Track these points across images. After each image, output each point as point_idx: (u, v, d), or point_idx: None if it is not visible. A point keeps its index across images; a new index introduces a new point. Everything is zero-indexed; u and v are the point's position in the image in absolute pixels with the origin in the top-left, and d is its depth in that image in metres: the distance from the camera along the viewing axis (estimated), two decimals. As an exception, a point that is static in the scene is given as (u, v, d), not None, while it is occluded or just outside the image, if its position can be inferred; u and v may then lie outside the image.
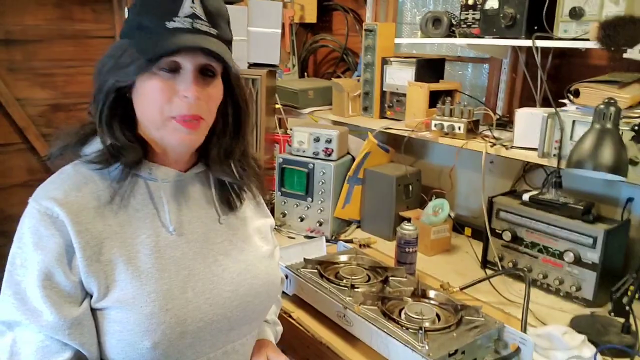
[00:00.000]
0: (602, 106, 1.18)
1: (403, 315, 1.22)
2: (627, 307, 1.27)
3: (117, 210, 0.89)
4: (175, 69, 0.86)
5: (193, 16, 0.85)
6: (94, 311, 0.87)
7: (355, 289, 1.33)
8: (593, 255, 1.42)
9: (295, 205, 1.91)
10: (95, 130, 0.91)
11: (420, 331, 1.12)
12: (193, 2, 0.85)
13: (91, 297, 0.86)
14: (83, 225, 0.84)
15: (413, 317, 1.20)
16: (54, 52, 2.98)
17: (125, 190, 0.89)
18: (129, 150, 0.90)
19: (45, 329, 0.82)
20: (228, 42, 0.92)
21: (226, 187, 1.02)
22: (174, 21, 0.84)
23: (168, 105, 0.86)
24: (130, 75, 0.86)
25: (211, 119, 0.93)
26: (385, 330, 1.15)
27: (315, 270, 1.42)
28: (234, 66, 0.91)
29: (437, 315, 1.24)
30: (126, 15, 0.91)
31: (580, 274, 1.45)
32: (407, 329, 1.16)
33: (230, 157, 1.00)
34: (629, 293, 1.26)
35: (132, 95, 0.89)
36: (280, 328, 1.20)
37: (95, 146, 0.91)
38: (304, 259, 1.45)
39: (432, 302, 1.30)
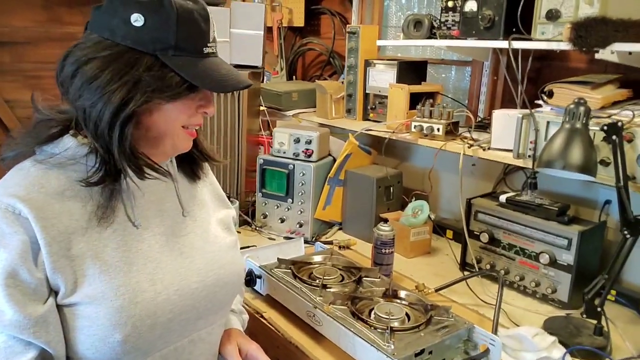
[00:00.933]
0: (572, 106, 1.18)
1: (372, 315, 1.21)
2: (599, 309, 1.26)
3: (81, 203, 0.87)
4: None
5: (214, 40, 0.91)
6: (60, 308, 0.86)
7: (327, 289, 1.33)
8: (568, 257, 1.41)
9: (276, 207, 1.91)
10: (63, 131, 0.89)
11: (388, 331, 1.11)
12: (214, 25, 0.91)
13: (57, 294, 0.85)
14: (48, 220, 0.83)
15: (382, 317, 1.19)
16: (42, 54, 2.99)
17: (111, 204, 0.89)
18: (139, 170, 0.89)
19: (8, 329, 0.81)
20: None
21: (185, 159, 1.05)
22: (208, 47, 0.89)
23: (187, 118, 0.92)
24: (172, 96, 0.86)
25: None
26: (352, 329, 1.14)
27: (289, 270, 1.41)
28: None
29: (407, 315, 1.23)
30: (135, 20, 0.83)
31: (556, 275, 1.45)
32: (375, 328, 1.15)
33: None
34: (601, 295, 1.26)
35: (141, 110, 0.86)
36: (246, 316, 1.23)
37: (62, 145, 0.88)
38: (278, 258, 1.45)
39: (402, 302, 1.29)
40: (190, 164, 1.07)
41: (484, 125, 1.80)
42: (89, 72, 0.83)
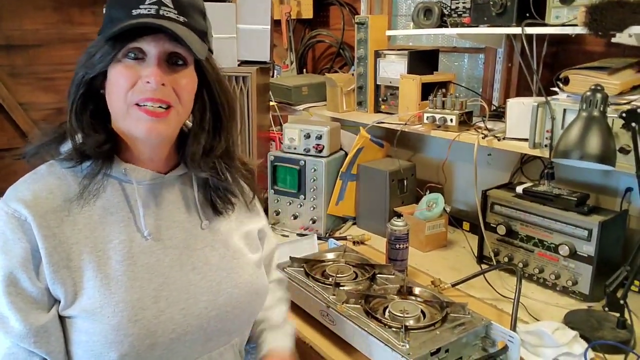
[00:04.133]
0: (588, 93, 1.14)
1: (387, 314, 1.19)
2: (622, 301, 1.22)
3: (88, 212, 0.85)
4: (141, 58, 0.83)
5: (159, 3, 0.83)
6: (61, 319, 0.84)
7: (340, 287, 1.31)
8: (589, 248, 1.37)
9: (288, 203, 1.89)
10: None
11: (402, 329, 1.09)
12: None
13: (59, 303, 0.83)
14: (50, 229, 0.81)
15: (396, 315, 1.17)
16: (54, 56, 3.01)
17: (95, 186, 0.85)
18: (93, 139, 0.86)
19: (12, 337, 0.80)
20: (200, 33, 0.87)
21: (210, 187, 0.96)
22: (140, 8, 0.82)
23: (131, 92, 0.83)
24: (95, 64, 0.83)
25: (184, 110, 0.88)
26: (366, 329, 1.12)
27: (301, 269, 1.39)
28: (205, 56, 0.88)
29: (423, 312, 1.21)
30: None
31: (576, 267, 1.41)
32: (390, 327, 1.13)
33: (210, 155, 0.94)
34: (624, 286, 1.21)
35: (104, 89, 0.86)
36: (290, 327, 1.12)
37: (70, 144, 0.88)
38: (290, 257, 1.43)
39: (417, 299, 1.27)
40: (210, 194, 0.98)
41: (499, 114, 1.76)
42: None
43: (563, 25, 1.37)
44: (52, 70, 3.01)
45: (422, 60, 1.93)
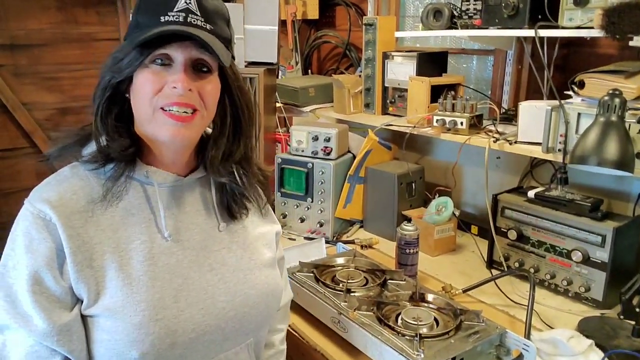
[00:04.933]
0: (606, 98, 1.12)
1: (399, 321, 1.17)
2: (638, 309, 1.20)
3: (111, 213, 0.87)
4: (168, 64, 0.85)
5: (187, 11, 0.84)
6: (84, 318, 0.85)
7: (352, 294, 1.29)
8: (602, 254, 1.35)
9: (296, 206, 1.87)
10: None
11: (416, 338, 1.07)
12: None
13: (82, 302, 0.84)
14: (75, 229, 0.83)
15: (409, 323, 1.15)
16: (59, 55, 2.99)
17: (118, 188, 0.87)
18: (118, 143, 0.88)
19: (34, 334, 0.81)
20: (225, 40, 0.89)
21: (226, 192, 0.98)
22: (168, 15, 0.84)
23: (158, 97, 0.84)
24: (123, 69, 0.85)
25: (208, 115, 0.90)
26: (379, 337, 1.10)
27: (311, 274, 1.38)
28: (230, 63, 0.89)
29: (436, 320, 1.19)
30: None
31: (589, 273, 1.39)
32: (403, 335, 1.11)
33: (229, 160, 0.96)
34: (640, 294, 1.20)
35: (130, 93, 0.88)
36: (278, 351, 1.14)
37: (93, 147, 0.89)
38: (299, 262, 1.41)
39: (430, 306, 1.25)
40: (228, 198, 0.99)
41: (509, 117, 1.74)
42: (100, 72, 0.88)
43: (578, 27, 1.35)
44: (56, 70, 2.99)
45: (431, 62, 1.91)
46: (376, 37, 1.97)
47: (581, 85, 1.32)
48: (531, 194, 1.51)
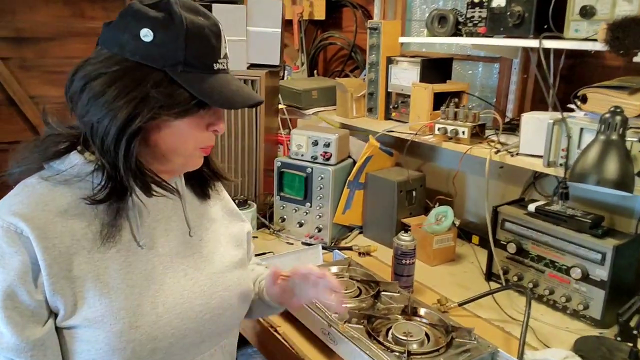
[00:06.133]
0: (607, 115, 1.09)
1: (390, 336, 1.16)
2: (635, 331, 1.18)
3: (85, 222, 0.84)
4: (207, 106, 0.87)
5: (226, 56, 0.88)
6: (59, 330, 0.84)
7: (343, 305, 1.27)
8: (601, 272, 1.32)
9: (294, 210, 1.86)
10: (69, 148, 0.87)
11: (404, 355, 1.05)
12: (225, 41, 0.88)
13: (56, 315, 0.83)
14: (50, 240, 0.81)
15: (399, 338, 1.13)
16: (65, 49, 2.99)
17: (117, 222, 0.86)
18: (141, 181, 0.86)
19: (6, 351, 0.80)
20: None
21: (195, 177, 1.01)
22: (218, 63, 0.86)
23: (199, 138, 0.89)
24: (172, 109, 0.82)
25: None
26: (367, 352, 1.09)
27: (304, 283, 1.36)
28: None
29: (427, 335, 1.17)
30: (144, 35, 0.81)
31: (588, 291, 1.36)
32: (392, 351, 1.09)
33: None
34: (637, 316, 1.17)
35: (149, 126, 0.84)
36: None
37: (69, 162, 0.86)
38: (293, 271, 1.39)
39: (422, 320, 1.23)
40: (201, 182, 1.03)
41: (512, 127, 1.71)
42: (96, 87, 0.81)
43: (584, 39, 1.32)
44: (62, 63, 2.99)
45: (435, 69, 1.88)
46: (380, 41, 1.94)
47: (584, 99, 1.29)
48: (532, 207, 1.48)
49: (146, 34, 0.81)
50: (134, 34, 0.81)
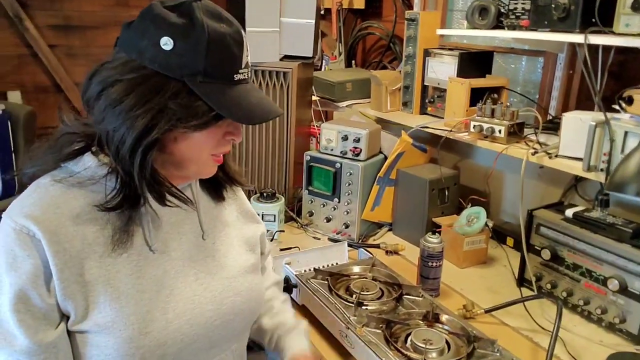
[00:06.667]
0: (653, 120, 1.01)
1: (409, 342, 1.12)
2: (675, 352, 1.09)
3: (97, 226, 0.84)
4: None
5: (247, 65, 0.86)
6: (70, 334, 0.84)
7: (363, 307, 1.24)
8: (642, 286, 1.24)
9: (322, 205, 1.83)
10: (84, 149, 0.86)
11: (422, 364, 1.02)
12: (248, 49, 0.85)
13: (68, 319, 0.83)
14: (61, 244, 0.80)
15: (418, 346, 1.09)
16: (109, 38, 3.05)
17: (129, 229, 0.85)
18: (157, 191, 0.85)
19: (19, 354, 0.80)
20: None
21: (210, 180, 1.00)
22: (239, 73, 0.84)
23: (216, 146, 0.88)
24: (191, 121, 0.80)
25: None
26: (384, 359, 1.06)
27: (325, 282, 1.34)
28: None
29: (448, 343, 1.13)
30: (164, 43, 0.79)
31: (626, 304, 1.28)
32: (409, 359, 1.06)
33: None
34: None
35: (165, 136, 0.83)
36: (302, 326, 1.14)
37: (82, 163, 0.85)
38: (314, 269, 1.38)
39: (444, 327, 1.18)
40: (215, 186, 1.02)
41: (554, 127, 1.61)
42: (113, 95, 0.79)
43: (634, 35, 1.22)
44: (106, 52, 3.02)
45: (475, 62, 1.81)
46: (418, 33, 1.88)
47: (630, 101, 1.20)
48: (569, 213, 1.40)
49: (166, 42, 0.78)
50: (153, 42, 0.78)
